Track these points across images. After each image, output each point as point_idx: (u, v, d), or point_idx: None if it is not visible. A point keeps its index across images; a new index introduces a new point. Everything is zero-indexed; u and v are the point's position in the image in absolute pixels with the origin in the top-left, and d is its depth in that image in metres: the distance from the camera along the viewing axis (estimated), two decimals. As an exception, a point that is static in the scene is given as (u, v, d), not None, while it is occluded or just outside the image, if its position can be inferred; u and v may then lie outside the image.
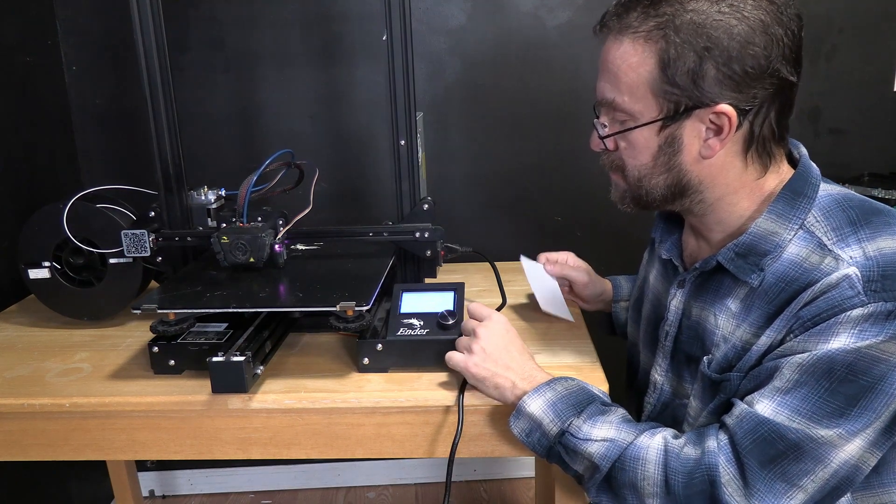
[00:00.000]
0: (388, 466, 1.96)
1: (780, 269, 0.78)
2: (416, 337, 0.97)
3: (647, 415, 0.97)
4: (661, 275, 0.98)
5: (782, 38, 0.74)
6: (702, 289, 0.87)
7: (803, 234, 0.78)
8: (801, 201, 0.79)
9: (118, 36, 1.61)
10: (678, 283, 0.91)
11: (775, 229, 0.79)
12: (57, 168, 1.63)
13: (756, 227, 0.80)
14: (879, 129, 1.68)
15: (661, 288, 0.97)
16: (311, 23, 1.61)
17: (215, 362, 0.90)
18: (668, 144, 0.80)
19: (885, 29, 1.63)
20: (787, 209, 0.79)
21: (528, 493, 1.92)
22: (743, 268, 0.80)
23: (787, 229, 0.78)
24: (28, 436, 0.98)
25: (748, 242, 0.80)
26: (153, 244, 1.14)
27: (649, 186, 0.83)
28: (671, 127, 0.78)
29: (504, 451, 0.95)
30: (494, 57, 1.64)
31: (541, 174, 1.71)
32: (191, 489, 1.97)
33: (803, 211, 0.79)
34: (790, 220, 0.79)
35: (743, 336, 0.80)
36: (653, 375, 0.95)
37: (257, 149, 1.68)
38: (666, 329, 0.92)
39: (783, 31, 0.74)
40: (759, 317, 0.79)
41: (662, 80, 0.76)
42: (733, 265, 0.81)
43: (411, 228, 1.14)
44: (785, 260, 0.78)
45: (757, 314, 0.79)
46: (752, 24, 0.73)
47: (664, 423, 0.86)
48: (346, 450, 0.96)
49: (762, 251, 0.79)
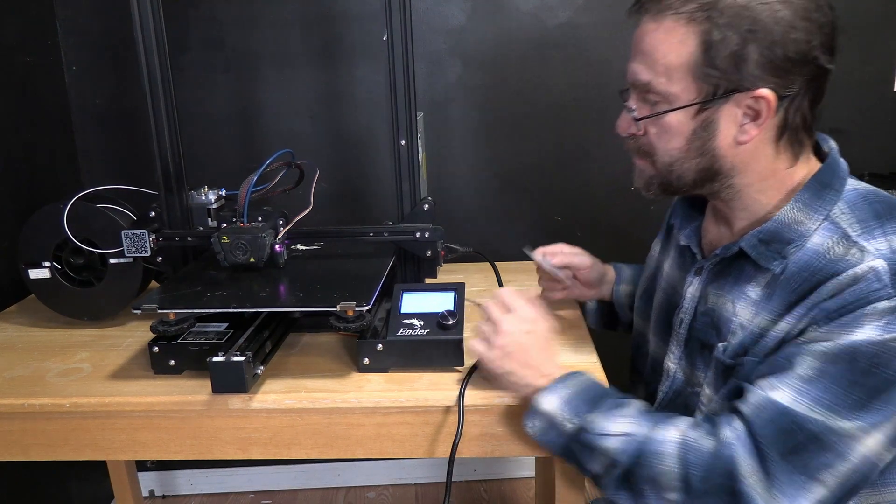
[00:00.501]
0: (388, 466, 1.96)
1: (804, 259, 0.77)
2: (417, 337, 0.97)
3: (659, 402, 0.96)
4: (677, 263, 0.97)
5: (823, 24, 0.74)
6: (720, 276, 0.86)
7: (828, 225, 0.78)
8: (828, 193, 0.79)
9: (118, 36, 1.61)
10: (695, 270, 0.90)
11: (801, 218, 0.79)
12: (57, 168, 1.63)
13: (782, 214, 0.80)
14: (879, 129, 1.68)
15: (677, 276, 0.96)
16: (311, 23, 1.61)
17: (215, 362, 0.90)
18: (703, 128, 0.79)
19: (885, 29, 1.63)
20: (813, 200, 0.79)
21: (528, 493, 1.92)
22: (765, 255, 0.80)
23: (811, 219, 0.78)
24: (28, 436, 0.98)
25: (773, 229, 0.80)
26: (153, 244, 1.14)
27: (680, 171, 0.82)
28: (708, 111, 0.78)
29: (504, 451, 0.95)
30: (494, 57, 1.64)
31: (541, 174, 1.71)
32: (191, 489, 1.97)
33: (829, 203, 0.79)
34: (816, 210, 0.79)
35: (760, 323, 0.80)
36: (666, 363, 0.94)
37: (257, 149, 1.68)
38: (681, 317, 0.92)
39: (824, 18, 0.74)
40: (779, 304, 0.78)
41: (704, 62, 0.75)
42: (755, 251, 0.80)
43: (411, 228, 1.14)
44: (809, 250, 0.77)
45: (777, 302, 0.78)
46: (795, 8, 0.73)
47: (676, 411, 0.85)
48: (346, 450, 0.96)
49: (786, 239, 0.79)
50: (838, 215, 0.78)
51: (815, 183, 0.80)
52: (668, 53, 0.77)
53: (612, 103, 0.88)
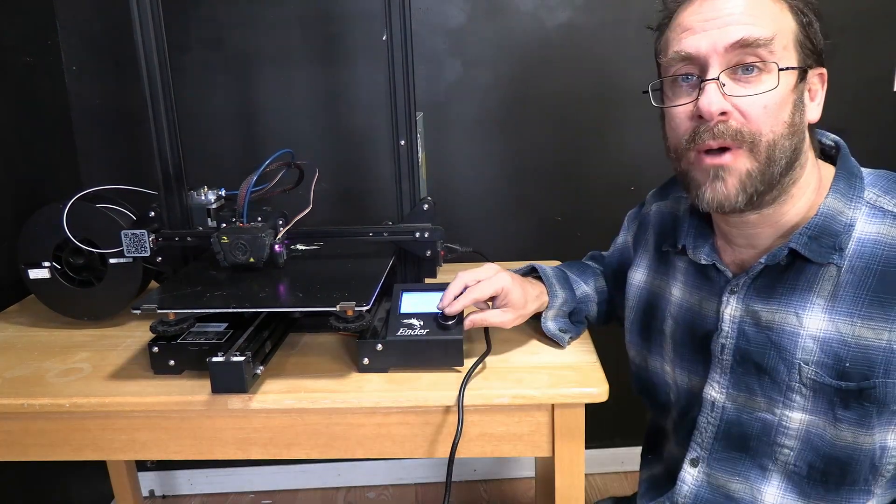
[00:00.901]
0: (388, 466, 1.96)
1: (866, 251, 0.76)
2: (416, 337, 0.97)
3: (710, 436, 0.88)
4: (695, 285, 0.90)
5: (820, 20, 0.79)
6: (767, 290, 0.81)
7: (871, 211, 0.78)
8: (856, 181, 0.80)
9: (118, 36, 1.61)
10: (730, 289, 0.84)
11: (842, 209, 0.78)
12: (57, 168, 1.63)
13: (825, 206, 0.78)
14: (879, 129, 1.68)
15: (698, 299, 0.90)
16: (311, 23, 1.61)
17: (215, 362, 0.90)
18: (799, 101, 0.78)
19: (885, 29, 1.63)
20: (847, 188, 0.79)
21: (528, 493, 1.92)
22: (820, 251, 0.77)
23: (851, 208, 0.78)
24: (28, 436, 0.98)
25: (820, 224, 0.77)
26: (153, 244, 1.14)
27: (781, 155, 0.76)
28: (802, 84, 0.78)
29: (504, 451, 0.95)
30: (494, 57, 1.64)
31: (541, 174, 1.71)
32: (191, 489, 1.97)
33: (860, 189, 0.79)
34: (852, 198, 0.78)
35: (852, 331, 0.76)
36: (708, 393, 0.87)
37: (257, 149, 1.68)
38: (721, 342, 0.85)
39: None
40: (866, 306, 0.75)
41: (802, 33, 0.77)
42: (808, 250, 0.77)
43: (411, 228, 1.14)
44: (865, 240, 0.76)
45: (857, 303, 0.76)
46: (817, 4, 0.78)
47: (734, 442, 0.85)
48: (346, 450, 0.96)
49: (834, 231, 0.77)
50: (876, 199, 0.78)
51: (844, 172, 0.80)
52: (777, 19, 0.76)
53: (613, 103, 0.88)
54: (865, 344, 0.75)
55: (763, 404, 0.83)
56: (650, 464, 1.06)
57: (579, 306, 1.08)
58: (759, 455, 0.84)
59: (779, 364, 0.80)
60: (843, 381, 0.76)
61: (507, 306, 0.98)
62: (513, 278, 0.99)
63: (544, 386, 0.93)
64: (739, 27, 0.74)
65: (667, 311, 0.95)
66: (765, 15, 0.75)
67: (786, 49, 0.76)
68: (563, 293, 1.05)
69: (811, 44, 0.78)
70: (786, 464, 0.83)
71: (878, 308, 0.75)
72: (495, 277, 0.97)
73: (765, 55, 0.74)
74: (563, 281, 1.07)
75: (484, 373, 0.97)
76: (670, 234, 0.95)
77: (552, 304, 1.04)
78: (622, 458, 1.95)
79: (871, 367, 0.75)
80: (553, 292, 1.04)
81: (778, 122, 0.75)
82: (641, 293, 1.00)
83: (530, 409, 0.94)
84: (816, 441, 0.80)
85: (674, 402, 0.96)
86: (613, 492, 1.89)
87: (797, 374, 0.79)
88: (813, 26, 0.78)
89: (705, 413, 0.88)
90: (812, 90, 0.80)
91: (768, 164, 0.76)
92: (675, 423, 0.96)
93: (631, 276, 1.02)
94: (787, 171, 0.77)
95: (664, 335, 0.96)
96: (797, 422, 0.81)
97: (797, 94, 0.77)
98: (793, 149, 0.77)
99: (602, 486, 1.93)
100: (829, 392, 0.78)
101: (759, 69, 0.75)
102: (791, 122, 0.76)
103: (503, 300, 0.98)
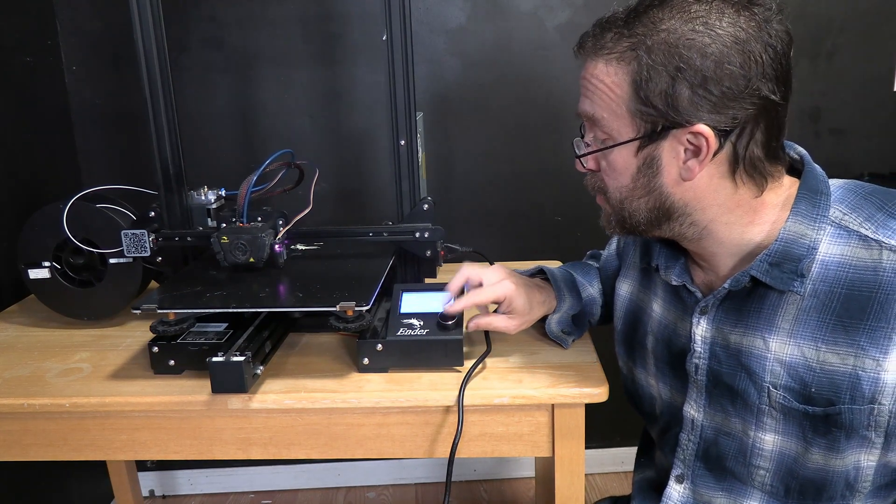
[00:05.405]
0: (388, 466, 1.96)
1: (830, 274, 0.74)
2: (416, 337, 0.97)
3: (691, 453, 0.89)
4: (671, 303, 0.90)
5: (761, 55, 0.70)
6: (735, 312, 0.81)
7: (835, 231, 0.75)
8: (821, 199, 0.76)
9: (118, 36, 1.61)
10: (700, 309, 0.84)
11: (804, 231, 0.75)
12: (57, 168, 1.63)
13: (785, 231, 0.76)
14: (879, 129, 1.68)
15: (673, 318, 0.90)
16: (311, 23, 1.61)
17: (215, 362, 0.90)
18: (646, 166, 0.76)
19: (885, 29, 1.63)
20: (810, 208, 0.75)
21: (528, 493, 1.92)
22: (781, 278, 0.75)
23: (814, 229, 0.75)
24: (28, 436, 0.98)
25: (780, 249, 0.75)
26: (153, 244, 1.14)
27: (631, 209, 0.80)
28: (649, 147, 0.75)
29: (504, 451, 0.95)
30: (494, 57, 1.64)
31: (541, 174, 1.71)
32: (191, 489, 1.97)
33: (825, 208, 0.75)
34: (815, 219, 0.75)
35: (816, 356, 0.75)
36: (687, 412, 0.87)
37: (257, 149, 1.68)
38: (695, 362, 0.85)
39: (762, 47, 0.70)
40: (830, 331, 0.74)
41: (637, 100, 0.74)
42: (769, 277, 0.76)
43: (411, 228, 1.14)
44: (829, 262, 0.74)
45: (821, 328, 0.75)
46: (726, 42, 0.70)
47: (713, 461, 0.85)
48: (346, 450, 0.97)
49: (796, 256, 0.75)
50: (841, 218, 0.75)
51: (807, 192, 0.76)
52: (608, 92, 0.76)
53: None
54: (831, 370, 0.74)
55: (738, 425, 0.83)
56: (643, 467, 1.07)
57: (584, 309, 1.08)
58: (738, 475, 0.84)
59: (749, 387, 0.80)
60: (810, 406, 0.76)
61: (512, 313, 0.99)
62: (518, 284, 0.99)
63: (544, 386, 0.93)
64: (582, 102, 0.81)
65: (648, 325, 0.94)
66: (599, 89, 0.77)
67: (618, 119, 0.76)
68: (571, 298, 1.05)
69: (655, 107, 0.73)
70: (763, 484, 0.83)
71: (842, 333, 0.73)
72: (499, 285, 0.98)
73: (598, 133, 0.79)
74: (571, 284, 1.07)
75: (484, 373, 0.97)
76: (647, 252, 0.95)
77: (559, 308, 1.04)
78: (622, 458, 1.95)
79: (836, 392, 0.74)
80: (561, 297, 1.04)
81: (618, 184, 0.80)
82: (628, 305, 1.00)
83: (530, 409, 0.94)
84: (790, 463, 0.80)
85: (659, 415, 0.96)
86: (613, 492, 1.89)
87: (766, 397, 0.79)
88: (659, 86, 0.72)
89: (686, 430, 0.88)
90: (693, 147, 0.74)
91: (621, 212, 0.82)
92: (660, 435, 0.97)
93: (618, 287, 1.02)
94: (663, 223, 0.80)
95: (647, 350, 0.95)
96: (770, 443, 0.81)
97: (642, 160, 0.76)
98: (651, 207, 0.79)
99: (602, 486, 1.93)
100: (797, 416, 0.77)
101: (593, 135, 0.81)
102: (634, 185, 0.78)
103: (507, 307, 0.98)
